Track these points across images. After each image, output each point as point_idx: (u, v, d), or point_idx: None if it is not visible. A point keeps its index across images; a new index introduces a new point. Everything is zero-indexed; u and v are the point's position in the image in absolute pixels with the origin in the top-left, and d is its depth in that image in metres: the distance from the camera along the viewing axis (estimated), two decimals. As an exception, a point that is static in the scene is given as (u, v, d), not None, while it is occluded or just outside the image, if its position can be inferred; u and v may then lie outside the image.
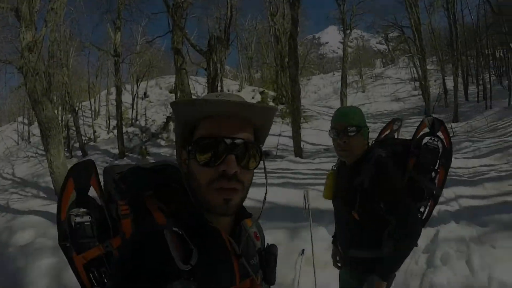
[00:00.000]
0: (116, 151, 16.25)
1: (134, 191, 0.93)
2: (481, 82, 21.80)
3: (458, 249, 3.94)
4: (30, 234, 6.34)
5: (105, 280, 1.00)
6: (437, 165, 2.00)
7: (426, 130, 2.10)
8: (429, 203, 1.99)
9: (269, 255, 1.03)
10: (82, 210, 1.00)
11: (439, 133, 2.08)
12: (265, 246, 1.06)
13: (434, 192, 1.98)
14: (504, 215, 4.65)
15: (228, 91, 21.33)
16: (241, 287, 0.91)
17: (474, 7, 28.76)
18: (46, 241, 5.15)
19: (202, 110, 0.83)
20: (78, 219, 0.99)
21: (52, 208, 8.38)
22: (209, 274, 0.84)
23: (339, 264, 2.23)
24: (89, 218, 0.99)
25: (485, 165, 8.04)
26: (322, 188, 2.11)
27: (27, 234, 6.34)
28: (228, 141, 0.80)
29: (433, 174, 1.99)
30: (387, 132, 2.32)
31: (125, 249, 0.83)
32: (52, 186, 10.68)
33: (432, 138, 2.04)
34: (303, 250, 4.01)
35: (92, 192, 1.06)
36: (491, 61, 27.06)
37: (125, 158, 15.51)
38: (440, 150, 2.01)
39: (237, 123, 0.83)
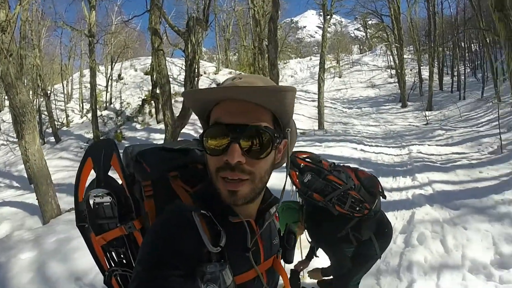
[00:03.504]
0: (90, 135, 15.75)
1: (158, 171, 0.91)
2: (456, 73, 22.41)
3: (433, 230, 4.19)
4: (6, 227, 6.21)
5: (124, 261, 1.00)
6: (323, 181, 2.25)
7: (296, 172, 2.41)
8: (351, 194, 2.22)
9: (289, 234, 1.04)
10: (102, 190, 0.97)
11: (301, 164, 2.38)
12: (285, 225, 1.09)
13: (343, 191, 2.23)
14: (475, 200, 4.93)
15: (205, 73, 21.06)
16: (265, 266, 0.93)
17: (454, 0, 29.23)
18: (24, 234, 5.00)
19: (204, 98, 0.81)
20: (97, 200, 0.96)
21: (27, 198, 8.14)
22: (237, 255, 0.83)
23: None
24: (110, 198, 0.95)
25: (457, 153, 8.38)
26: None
27: (4, 227, 6.20)
28: (229, 127, 0.75)
29: (330, 188, 2.23)
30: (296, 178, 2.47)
31: (154, 232, 0.80)
32: (25, 175, 10.35)
33: (302, 176, 2.31)
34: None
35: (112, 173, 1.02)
36: (467, 54, 27.83)
37: (100, 143, 15.14)
38: (312, 174, 2.27)
39: (245, 108, 0.77)
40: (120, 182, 0.99)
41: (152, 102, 16.44)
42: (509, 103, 10.12)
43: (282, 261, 1.03)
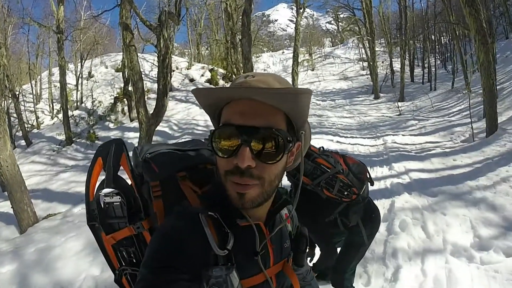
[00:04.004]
0: (62, 137, 15.30)
1: (166, 172, 0.90)
2: (426, 65, 23.17)
3: (413, 217, 4.33)
4: (-19, 239, 5.89)
5: (134, 260, 1.00)
6: (312, 163, 2.26)
7: None
8: (340, 177, 2.22)
9: (300, 237, 1.02)
10: (112, 190, 0.97)
11: None
12: (296, 228, 1.07)
13: (331, 175, 2.23)
14: (451, 186, 5.15)
15: (177, 68, 20.77)
16: (274, 270, 0.91)
17: (424, -6, 29.98)
18: (1, 245, 4.77)
19: (215, 96, 0.78)
20: (107, 200, 0.96)
21: (1, 206, 7.78)
22: (245, 258, 0.82)
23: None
24: (119, 198, 0.95)
25: (431, 142, 8.70)
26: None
27: (-21, 240, 5.88)
28: (240, 129, 0.72)
29: (318, 171, 2.25)
30: None
31: (160, 234, 0.79)
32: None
33: None
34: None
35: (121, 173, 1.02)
36: (437, 47, 28.84)
37: (73, 144, 14.69)
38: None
39: (258, 109, 0.73)
40: (129, 182, 0.99)
41: (125, 99, 16.12)
42: (479, 94, 10.50)
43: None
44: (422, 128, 10.89)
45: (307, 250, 2.94)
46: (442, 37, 29.55)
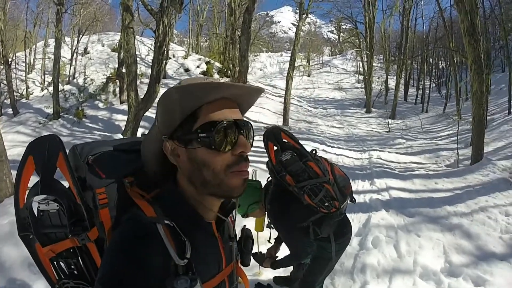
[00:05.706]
0: (50, 110, 15.00)
1: (113, 177, 0.84)
2: (421, 87, 23.54)
3: (387, 234, 4.32)
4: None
5: (75, 272, 0.91)
6: (303, 164, 2.15)
7: (275, 147, 2.27)
8: (326, 187, 2.11)
9: (247, 239, 1.04)
10: (47, 196, 0.85)
11: (284, 140, 2.26)
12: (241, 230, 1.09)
13: (319, 183, 2.12)
14: (429, 209, 5.17)
15: (174, 56, 20.69)
16: (226, 272, 0.91)
17: (428, 18, 30.34)
18: None
19: (210, 95, 0.77)
20: (42, 207, 0.85)
21: None
22: (202, 264, 0.80)
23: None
24: (57, 206, 0.84)
25: (416, 162, 8.76)
26: (262, 166, 2.28)
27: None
28: (240, 123, 0.79)
29: (306, 175, 2.13)
30: (273, 152, 2.32)
31: (114, 247, 0.74)
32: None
33: (282, 154, 2.19)
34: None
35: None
36: (434, 70, 29.35)
37: (60, 119, 14.43)
38: (293, 154, 2.16)
39: (235, 105, 0.82)
40: (67, 185, 0.88)
41: (117, 81, 15.93)
42: (468, 121, 10.63)
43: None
44: (409, 147, 10.99)
45: (277, 239, 2.90)
46: (440, 61, 30.06)
